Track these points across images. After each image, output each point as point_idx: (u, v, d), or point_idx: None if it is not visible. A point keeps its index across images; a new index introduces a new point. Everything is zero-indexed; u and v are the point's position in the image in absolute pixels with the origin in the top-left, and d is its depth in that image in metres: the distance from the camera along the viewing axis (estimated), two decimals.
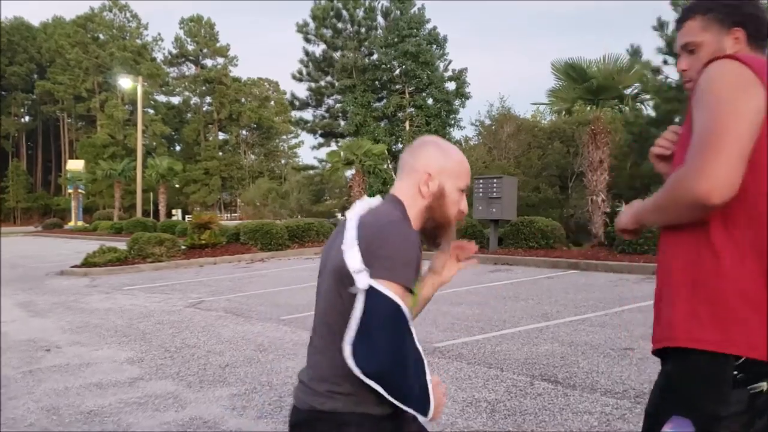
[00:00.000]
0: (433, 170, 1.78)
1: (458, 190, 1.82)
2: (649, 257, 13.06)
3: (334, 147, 32.76)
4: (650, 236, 13.53)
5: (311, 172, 38.79)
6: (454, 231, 1.85)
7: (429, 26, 33.53)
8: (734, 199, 1.47)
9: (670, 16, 26.95)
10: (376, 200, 1.83)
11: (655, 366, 5.37)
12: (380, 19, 34.14)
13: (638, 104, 19.53)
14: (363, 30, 34.28)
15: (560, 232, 15.61)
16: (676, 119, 20.31)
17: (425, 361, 1.63)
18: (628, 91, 18.52)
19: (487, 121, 28.52)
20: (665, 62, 20.42)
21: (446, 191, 1.79)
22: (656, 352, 1.69)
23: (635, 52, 19.91)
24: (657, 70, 20.84)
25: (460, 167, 1.82)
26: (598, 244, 15.43)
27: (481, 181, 15.67)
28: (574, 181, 20.79)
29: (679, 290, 1.60)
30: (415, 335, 1.62)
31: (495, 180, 15.46)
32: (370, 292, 1.57)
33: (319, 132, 36.43)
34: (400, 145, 33.05)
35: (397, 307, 1.57)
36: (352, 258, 1.61)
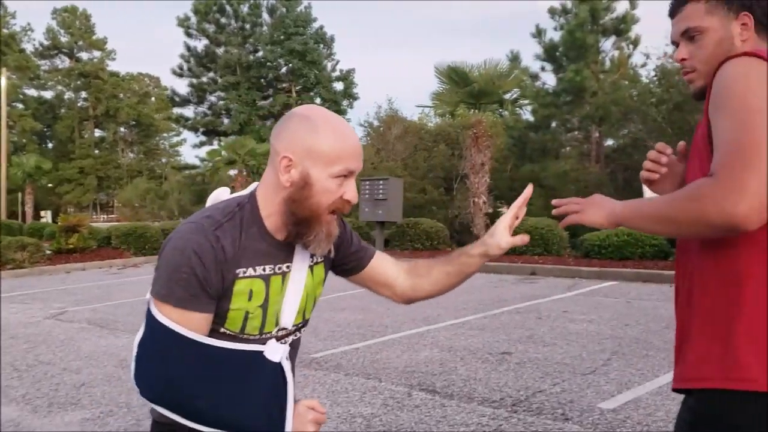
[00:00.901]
0: (294, 153, 1.42)
1: (333, 177, 1.43)
2: (527, 257, 13.39)
3: (216, 146, 31.79)
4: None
5: (193, 171, 37.49)
6: (330, 227, 1.49)
7: (316, 25, 33.21)
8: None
9: (548, 24, 28.07)
10: (219, 195, 1.58)
11: (531, 370, 5.43)
12: (266, 16, 33.44)
13: (517, 109, 20.10)
14: (248, 26, 33.42)
15: (444, 234, 15.78)
16: (553, 123, 21.20)
17: (280, 388, 1.48)
18: (507, 96, 19.00)
19: (376, 123, 28.58)
20: (543, 69, 21.20)
21: (312, 179, 1.42)
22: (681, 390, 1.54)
23: (515, 58, 20.52)
24: (535, 76, 21.60)
25: (336, 148, 1.42)
26: None
27: (367, 182, 15.60)
28: (459, 182, 21.18)
29: (715, 325, 1.44)
30: (253, 360, 1.45)
31: (381, 182, 15.41)
32: (148, 310, 1.42)
33: (201, 130, 35.21)
34: None
35: (161, 327, 1.38)
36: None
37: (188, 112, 35.99)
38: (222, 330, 1.45)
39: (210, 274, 1.38)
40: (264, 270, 1.47)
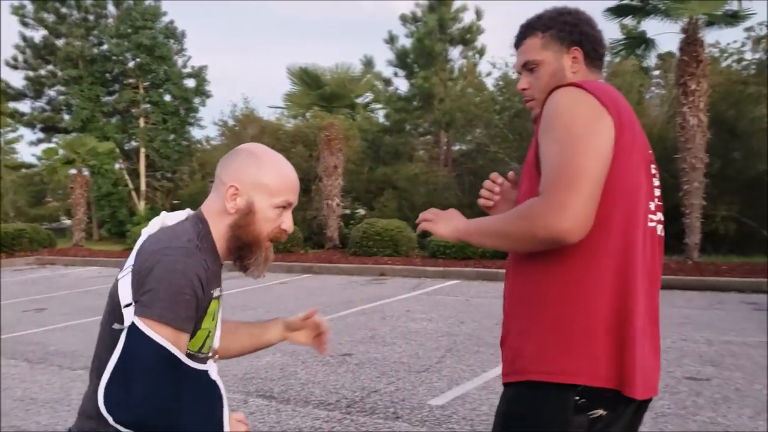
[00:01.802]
0: (240, 183, 1.56)
1: (274, 207, 1.58)
2: (378, 258, 13.68)
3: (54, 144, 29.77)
4: (378, 238, 14.19)
5: (30, 170, 34.83)
6: (268, 252, 1.61)
7: (166, 19, 31.95)
8: None
9: (401, 30, 28.84)
10: (175, 217, 1.64)
11: (369, 371, 5.58)
12: (111, 8, 31.69)
13: (369, 113, 20.45)
14: (91, 17, 31.55)
15: (297, 236, 15.75)
16: (407, 127, 21.81)
17: (221, 405, 1.57)
18: (360, 100, 19.30)
19: (231, 122, 27.99)
20: (396, 74, 21.74)
21: (256, 207, 1.56)
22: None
23: (368, 63, 20.89)
24: (388, 81, 22.10)
25: (279, 181, 1.59)
26: (333, 247, 15.86)
27: (213, 183, 15.24)
28: (316, 184, 21.21)
29: (530, 320, 1.60)
30: (205, 379, 1.55)
31: None
32: (132, 330, 1.42)
33: (39, 126, 32.78)
34: (134, 143, 31.00)
35: (160, 349, 1.41)
36: (123, 289, 1.47)
37: (24, 107, 33.39)
38: (187, 351, 1.53)
39: (205, 296, 1.49)
40: (219, 291, 1.62)
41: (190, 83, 33.01)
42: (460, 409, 4.50)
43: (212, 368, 1.61)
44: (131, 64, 30.93)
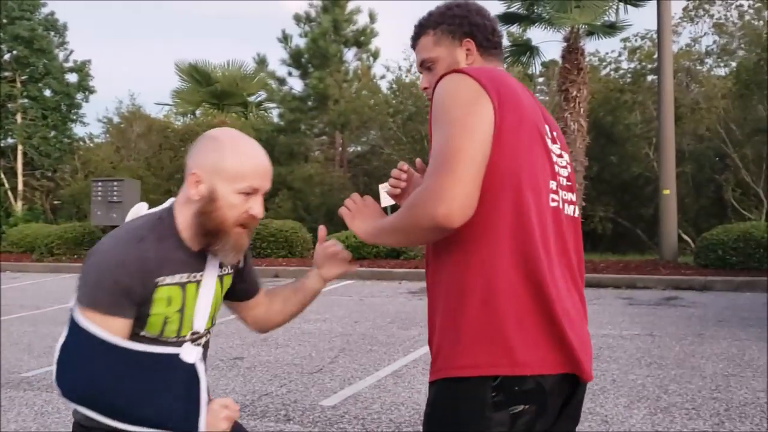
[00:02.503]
0: (201, 169, 1.58)
1: (239, 193, 1.58)
2: (272, 260, 13.51)
3: None
4: (272, 240, 14.01)
5: None
6: (238, 238, 1.62)
7: (45, 11, 30.23)
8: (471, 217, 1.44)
9: (294, 30, 28.63)
10: (139, 210, 1.73)
11: (261, 374, 5.50)
12: None
13: (263, 112, 20.18)
14: None
15: None
16: (302, 128, 21.66)
17: (194, 388, 1.60)
18: (252, 98, 19.00)
19: (116, 119, 26.82)
20: (290, 74, 21.56)
21: (218, 194, 1.57)
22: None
23: (261, 61, 20.61)
24: (282, 81, 21.89)
25: (242, 166, 1.58)
26: None
27: (99, 183, 14.62)
28: None
29: (442, 316, 1.56)
30: (168, 362, 1.59)
31: (116, 183, 14.55)
32: (70, 317, 1.56)
33: None
34: (10, 140, 29.10)
35: (87, 334, 1.51)
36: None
37: None
38: (142, 333, 1.58)
39: (133, 283, 1.52)
40: (181, 278, 1.61)
41: (73, 78, 31.39)
42: (352, 409, 4.51)
43: (189, 351, 1.63)
44: (7, 56, 29.04)
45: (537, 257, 1.48)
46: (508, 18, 12.38)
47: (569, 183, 1.66)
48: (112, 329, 1.52)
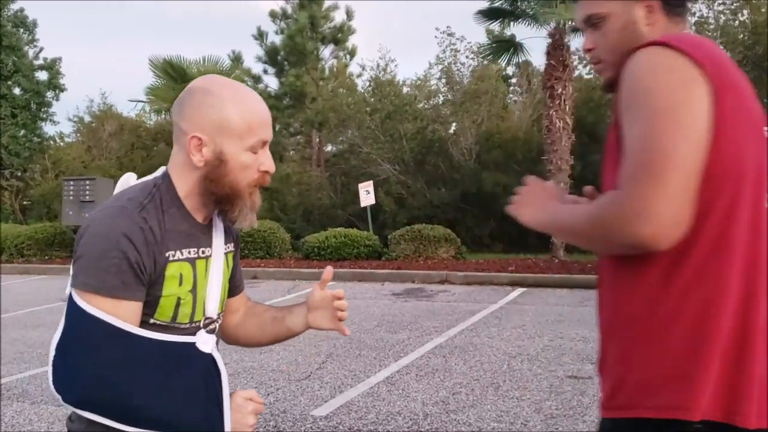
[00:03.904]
0: (203, 131, 1.35)
1: (248, 150, 1.37)
2: (250, 261, 13.17)
3: None
4: (250, 240, 13.67)
5: None
6: (253, 198, 1.42)
7: (15, 7, 29.52)
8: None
9: (270, 27, 28.28)
10: (128, 180, 1.48)
11: (246, 381, 5.19)
12: None
13: None
14: None
15: None
16: (278, 126, 21.30)
17: (215, 381, 1.42)
18: None
19: (87, 118, 26.24)
20: (265, 71, 21.21)
21: (227, 156, 1.36)
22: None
23: (237, 58, 20.22)
24: (258, 78, 21.51)
25: (247, 118, 1.36)
26: None
27: (71, 182, 14.20)
28: None
29: (632, 343, 1.28)
30: (186, 351, 1.39)
31: (88, 182, 14.13)
32: (68, 303, 1.33)
33: None
34: None
35: (93, 320, 1.28)
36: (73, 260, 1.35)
37: None
38: (152, 321, 1.36)
39: (142, 258, 1.30)
40: (189, 253, 1.41)
41: (43, 76, 30.69)
42: (346, 419, 4.24)
43: (205, 340, 1.43)
44: None
45: (758, 279, 1.25)
46: (491, 13, 12.20)
47: None
48: (122, 315, 1.30)
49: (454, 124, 17.97)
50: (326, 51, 21.63)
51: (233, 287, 1.63)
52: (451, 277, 10.56)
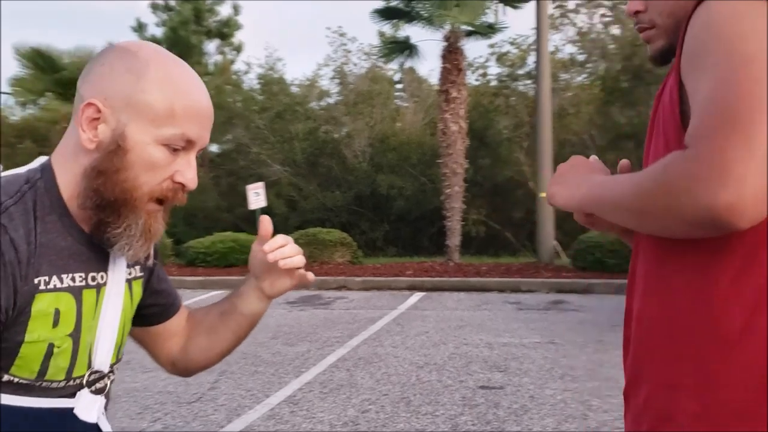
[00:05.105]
0: (107, 99, 0.97)
1: (162, 144, 0.98)
2: None
3: None
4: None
5: None
6: (151, 220, 1.01)
7: None
8: None
9: (150, 19, 26.91)
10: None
11: (128, 405, 4.59)
12: None
13: None
14: None
15: None
16: None
17: None
18: None
19: None
20: None
21: (129, 141, 0.97)
22: None
23: None
24: None
25: (171, 100, 0.97)
26: None
27: None
28: None
29: (684, 364, 0.98)
30: (59, 421, 0.98)
31: None
32: None
33: None
34: None
35: None
36: None
37: None
38: (7, 378, 0.95)
39: (9, 286, 0.90)
40: (73, 280, 1.00)
41: None
42: None
43: (87, 404, 1.03)
44: None
45: None
46: (387, 13, 12.00)
47: None
48: None
49: (346, 125, 17.69)
50: (211, 46, 20.82)
51: (161, 311, 1.25)
52: (348, 283, 10.22)
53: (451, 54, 11.52)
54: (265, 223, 1.19)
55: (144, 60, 0.99)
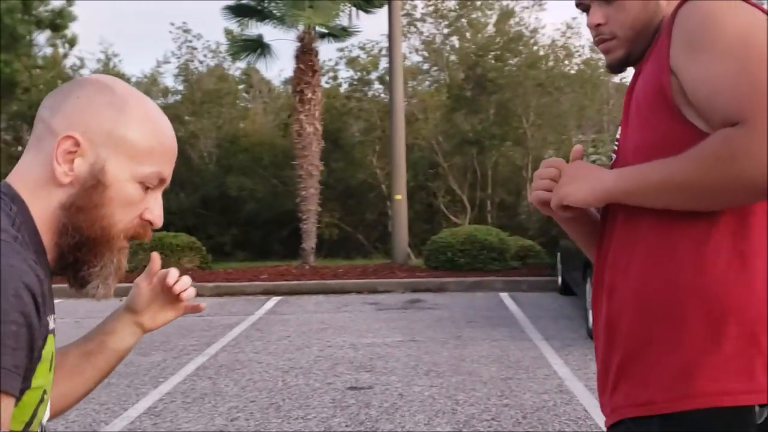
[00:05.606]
0: (86, 133, 0.91)
1: (138, 182, 0.94)
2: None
3: None
4: None
5: None
6: (121, 257, 0.97)
7: None
8: None
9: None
10: None
11: None
12: None
13: None
14: None
15: None
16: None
17: None
18: None
19: None
20: None
21: (109, 178, 0.92)
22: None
23: None
24: None
25: (149, 140, 0.95)
26: None
27: None
28: None
29: (690, 321, 1.11)
30: None
31: None
32: None
33: None
34: None
35: None
36: None
37: None
38: None
39: (39, 325, 0.82)
40: (53, 322, 0.92)
41: None
42: None
43: None
44: None
45: None
46: (238, 10, 11.67)
47: None
48: (7, 420, 0.82)
49: (191, 125, 17.03)
50: (41, 37, 19.23)
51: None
52: (200, 289, 9.77)
53: (305, 55, 11.44)
54: (156, 259, 1.18)
55: (121, 96, 0.97)
